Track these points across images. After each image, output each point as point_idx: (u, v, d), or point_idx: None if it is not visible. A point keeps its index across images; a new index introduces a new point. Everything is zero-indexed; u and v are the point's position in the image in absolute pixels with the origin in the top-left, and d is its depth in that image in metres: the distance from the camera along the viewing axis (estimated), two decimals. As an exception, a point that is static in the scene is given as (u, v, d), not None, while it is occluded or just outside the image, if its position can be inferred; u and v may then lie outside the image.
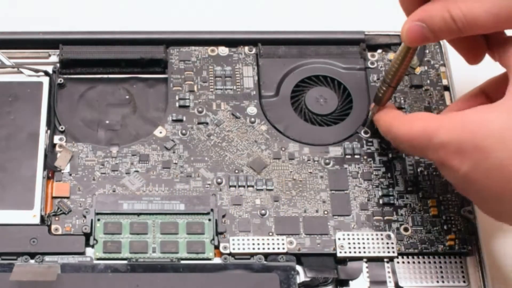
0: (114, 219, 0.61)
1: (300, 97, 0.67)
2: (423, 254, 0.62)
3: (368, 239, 0.61)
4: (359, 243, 0.61)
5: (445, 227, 0.62)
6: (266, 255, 0.61)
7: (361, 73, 0.68)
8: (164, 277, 0.59)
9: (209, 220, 0.62)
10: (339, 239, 0.61)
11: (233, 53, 0.69)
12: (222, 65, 0.68)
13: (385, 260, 0.61)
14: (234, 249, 0.60)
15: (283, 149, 0.65)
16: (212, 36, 0.69)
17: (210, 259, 0.61)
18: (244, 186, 0.63)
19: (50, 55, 0.68)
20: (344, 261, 0.61)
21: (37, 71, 0.67)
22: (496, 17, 0.53)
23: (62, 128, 0.65)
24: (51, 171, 0.63)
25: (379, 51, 0.69)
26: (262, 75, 0.68)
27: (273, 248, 0.61)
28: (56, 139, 0.64)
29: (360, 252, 0.61)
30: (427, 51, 0.69)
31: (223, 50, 0.69)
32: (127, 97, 0.68)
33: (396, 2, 0.59)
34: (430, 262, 0.62)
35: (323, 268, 0.60)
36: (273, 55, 0.69)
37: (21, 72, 0.67)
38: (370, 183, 0.64)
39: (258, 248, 0.61)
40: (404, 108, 0.67)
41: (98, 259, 0.60)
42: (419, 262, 0.62)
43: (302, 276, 0.61)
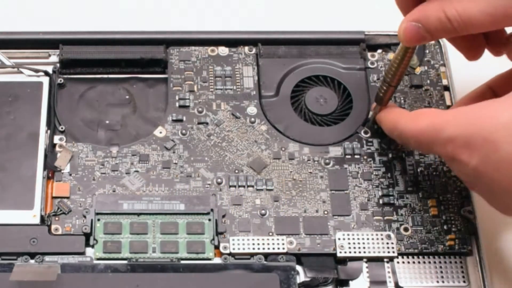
0: (114, 219, 0.61)
1: (300, 97, 0.67)
2: (423, 254, 0.62)
3: (368, 239, 0.61)
4: (359, 243, 0.61)
5: (445, 227, 0.62)
6: (266, 255, 0.61)
7: (361, 73, 0.68)
8: (164, 277, 0.59)
9: (209, 220, 0.62)
10: (339, 239, 0.61)
11: (233, 53, 0.69)
12: (222, 65, 0.68)
13: (385, 260, 0.61)
14: (234, 249, 0.60)
15: (283, 149, 0.65)
16: (212, 36, 0.69)
17: (210, 259, 0.61)
18: (244, 186, 0.63)
19: (50, 55, 0.68)
20: (344, 261, 0.61)
21: (37, 71, 0.67)
22: (492, 17, 0.53)
23: (62, 128, 0.65)
24: (51, 171, 0.63)
25: (379, 51, 0.69)
26: (262, 75, 0.68)
27: (273, 248, 0.61)
28: (56, 139, 0.64)
29: (360, 252, 0.61)
30: (427, 51, 0.69)
31: (223, 50, 0.69)
32: (127, 97, 0.68)
33: (396, 2, 0.59)
34: (430, 262, 0.62)
35: (323, 268, 0.60)
36: (273, 55, 0.69)
37: (21, 72, 0.67)
38: (370, 183, 0.64)
39: (258, 248, 0.61)
40: (404, 108, 0.67)
41: (98, 259, 0.60)
42: (419, 262, 0.62)
43: (302, 276, 0.61)
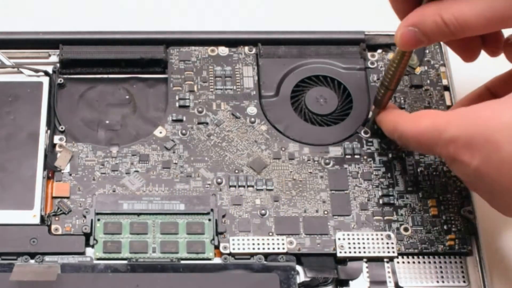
0: (114, 219, 0.61)
1: (300, 97, 0.67)
2: (423, 254, 0.62)
3: (368, 239, 0.61)
4: (359, 243, 0.61)
5: (445, 227, 0.62)
6: (266, 255, 0.61)
7: (361, 73, 0.68)
8: (164, 277, 0.59)
9: (209, 220, 0.62)
10: (339, 239, 0.61)
11: (233, 53, 0.69)
12: (222, 65, 0.68)
13: (385, 260, 0.61)
14: (234, 249, 0.60)
15: (283, 149, 0.65)
16: (212, 36, 0.69)
17: (210, 259, 0.61)
18: (244, 186, 0.63)
19: (50, 55, 0.68)
20: (344, 261, 0.61)
21: (37, 71, 0.67)
22: (488, 20, 0.53)
23: (62, 128, 0.65)
24: (51, 171, 0.63)
25: (379, 51, 0.69)
26: (262, 75, 0.68)
27: (273, 248, 0.61)
28: (56, 139, 0.64)
29: (360, 252, 0.61)
30: (427, 51, 0.69)
31: (223, 50, 0.69)
32: (127, 97, 0.68)
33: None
34: (430, 262, 0.62)
35: (323, 268, 0.60)
36: (273, 55, 0.69)
37: (21, 72, 0.67)
38: (370, 183, 0.64)
39: (258, 248, 0.61)
40: (404, 108, 0.67)
41: (98, 259, 0.60)
42: (419, 262, 0.62)
43: (302, 276, 0.61)
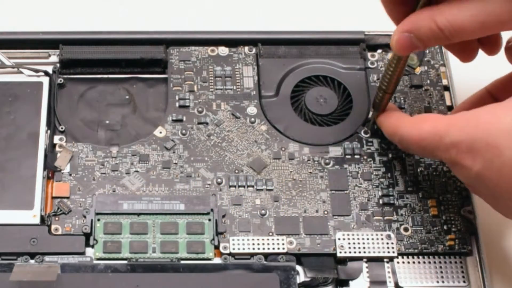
0: (114, 219, 0.61)
1: (300, 97, 0.67)
2: (423, 254, 0.62)
3: (368, 239, 0.61)
4: (359, 243, 0.61)
5: (445, 227, 0.62)
6: (266, 255, 0.61)
7: (361, 73, 0.68)
8: (164, 277, 0.59)
9: (209, 220, 0.62)
10: (339, 239, 0.61)
11: (233, 53, 0.69)
12: (222, 65, 0.68)
13: (385, 260, 0.61)
14: (234, 249, 0.60)
15: (283, 149, 0.65)
16: (212, 36, 0.69)
17: (210, 259, 0.61)
18: (244, 186, 0.63)
19: (50, 55, 0.68)
20: (344, 261, 0.61)
21: (37, 71, 0.67)
22: (482, 24, 0.53)
23: (62, 128, 0.65)
24: (51, 171, 0.63)
25: (379, 51, 0.69)
26: (262, 75, 0.68)
27: (273, 248, 0.61)
28: (56, 139, 0.64)
29: (360, 252, 0.61)
30: (427, 51, 0.69)
31: (223, 50, 0.69)
32: (127, 97, 0.68)
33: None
34: (430, 262, 0.62)
35: (323, 268, 0.60)
36: (273, 55, 0.69)
37: (21, 72, 0.67)
38: (370, 183, 0.64)
39: (258, 248, 0.61)
40: (404, 108, 0.67)
41: (98, 259, 0.60)
42: (419, 262, 0.62)
43: (302, 276, 0.61)
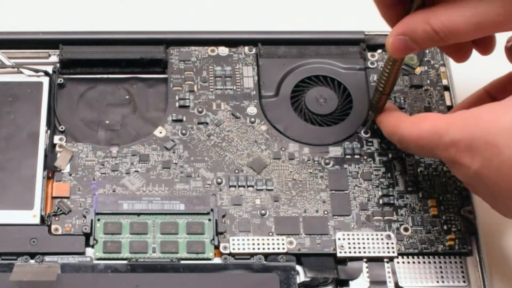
0: (114, 219, 0.61)
1: (300, 97, 0.67)
2: (423, 254, 0.62)
3: (368, 239, 0.61)
4: (359, 243, 0.61)
5: (445, 227, 0.62)
6: (266, 255, 0.61)
7: (361, 73, 0.68)
8: (164, 277, 0.59)
9: (209, 220, 0.62)
10: (339, 239, 0.61)
11: (233, 53, 0.69)
12: (222, 65, 0.68)
13: (385, 260, 0.61)
14: (234, 249, 0.60)
15: (283, 149, 0.65)
16: (212, 36, 0.69)
17: (210, 259, 0.61)
18: (244, 186, 0.63)
19: (50, 55, 0.68)
20: (344, 261, 0.61)
21: (37, 71, 0.67)
22: (477, 26, 0.53)
23: (62, 128, 0.65)
24: (51, 171, 0.63)
25: (379, 51, 0.69)
26: (262, 75, 0.68)
27: (273, 248, 0.61)
28: (56, 139, 0.64)
29: (360, 252, 0.61)
30: (427, 51, 0.69)
31: (223, 50, 0.69)
32: (127, 97, 0.68)
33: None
34: (430, 262, 0.62)
35: (323, 268, 0.60)
36: (273, 55, 0.69)
37: (21, 72, 0.67)
38: (370, 183, 0.64)
39: (258, 248, 0.61)
40: (404, 108, 0.67)
41: (98, 259, 0.60)
42: (419, 262, 0.62)
43: (302, 276, 0.61)
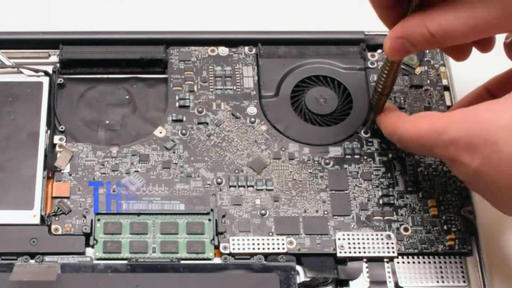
0: (114, 219, 0.61)
1: (300, 97, 0.67)
2: (423, 254, 0.62)
3: (368, 239, 0.61)
4: (359, 243, 0.61)
5: (445, 227, 0.62)
6: (266, 255, 0.61)
7: (361, 73, 0.68)
8: (164, 277, 0.59)
9: (209, 220, 0.62)
10: (339, 239, 0.61)
11: (233, 53, 0.69)
12: (222, 65, 0.68)
13: (385, 260, 0.61)
14: (234, 249, 0.60)
15: (283, 149, 0.65)
16: (212, 36, 0.69)
17: (210, 259, 0.61)
18: (244, 186, 0.63)
19: (50, 55, 0.68)
20: (344, 261, 0.61)
21: (37, 71, 0.67)
22: (474, 28, 0.53)
23: (62, 128, 0.65)
24: (51, 171, 0.63)
25: (379, 51, 0.69)
26: (262, 75, 0.68)
27: (273, 248, 0.61)
28: (56, 139, 0.64)
29: (360, 252, 0.61)
30: (427, 51, 0.69)
31: (223, 50, 0.69)
32: (127, 97, 0.68)
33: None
34: (430, 262, 0.62)
35: (323, 268, 0.60)
36: (273, 55, 0.69)
37: (21, 72, 0.67)
38: (370, 183, 0.64)
39: (258, 248, 0.61)
40: (404, 108, 0.67)
41: (98, 259, 0.60)
42: (419, 262, 0.62)
43: (302, 276, 0.61)
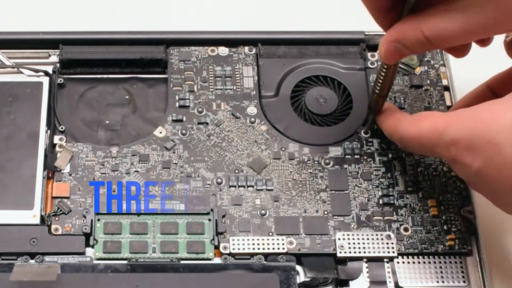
0: (114, 219, 0.61)
1: (300, 97, 0.67)
2: (423, 254, 0.62)
3: (368, 239, 0.61)
4: (359, 243, 0.61)
5: (445, 227, 0.62)
6: (266, 255, 0.61)
7: (361, 73, 0.68)
8: (164, 277, 0.59)
9: (209, 220, 0.62)
10: (339, 239, 0.61)
11: (233, 53, 0.69)
12: (222, 65, 0.68)
13: (385, 260, 0.61)
14: (234, 249, 0.60)
15: (283, 149, 0.65)
16: (212, 36, 0.69)
17: (210, 259, 0.61)
18: (244, 186, 0.63)
19: (50, 55, 0.68)
20: (344, 261, 0.61)
21: (37, 71, 0.67)
22: (469, 31, 0.53)
23: (62, 128, 0.65)
24: (51, 171, 0.63)
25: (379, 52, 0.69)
26: (262, 75, 0.68)
27: (273, 248, 0.61)
28: (56, 139, 0.64)
29: (360, 252, 0.61)
30: (427, 52, 0.69)
31: (223, 50, 0.69)
32: (127, 97, 0.68)
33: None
34: (430, 262, 0.62)
35: (323, 268, 0.60)
36: (273, 55, 0.69)
37: (21, 72, 0.67)
38: (370, 183, 0.64)
39: (258, 248, 0.61)
40: (404, 108, 0.67)
41: (98, 259, 0.60)
42: (419, 262, 0.62)
43: (302, 276, 0.61)
